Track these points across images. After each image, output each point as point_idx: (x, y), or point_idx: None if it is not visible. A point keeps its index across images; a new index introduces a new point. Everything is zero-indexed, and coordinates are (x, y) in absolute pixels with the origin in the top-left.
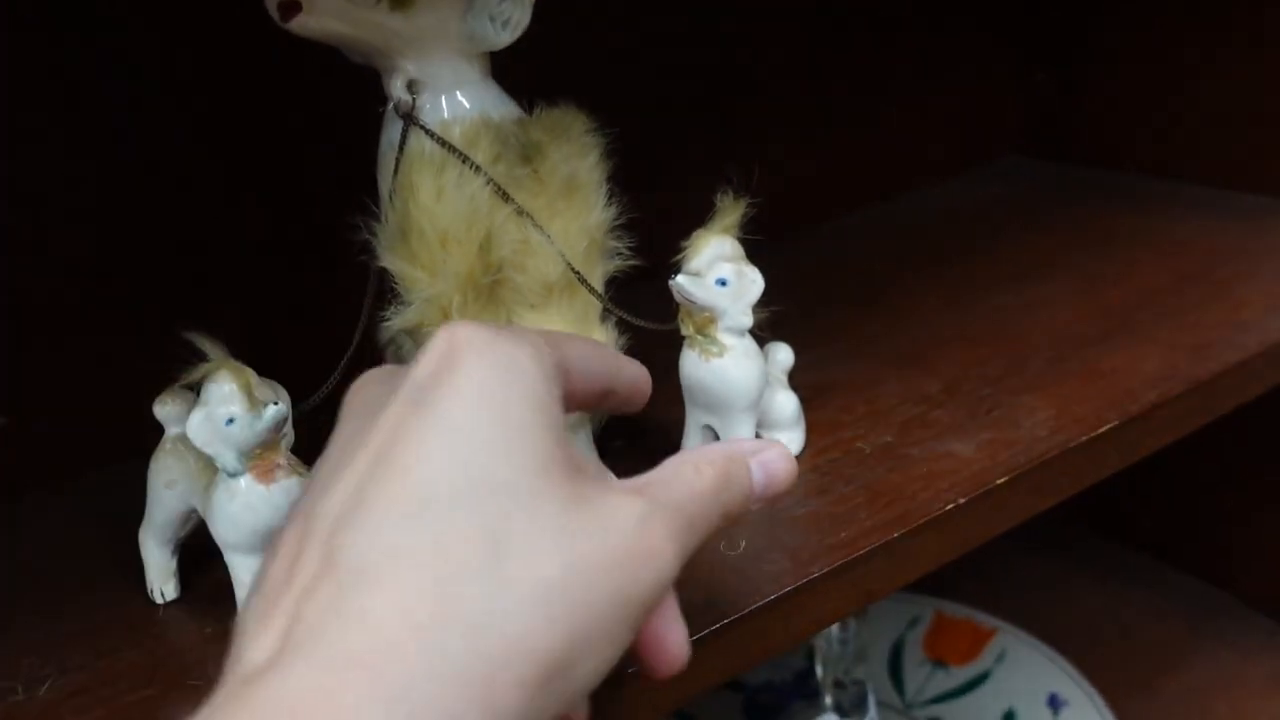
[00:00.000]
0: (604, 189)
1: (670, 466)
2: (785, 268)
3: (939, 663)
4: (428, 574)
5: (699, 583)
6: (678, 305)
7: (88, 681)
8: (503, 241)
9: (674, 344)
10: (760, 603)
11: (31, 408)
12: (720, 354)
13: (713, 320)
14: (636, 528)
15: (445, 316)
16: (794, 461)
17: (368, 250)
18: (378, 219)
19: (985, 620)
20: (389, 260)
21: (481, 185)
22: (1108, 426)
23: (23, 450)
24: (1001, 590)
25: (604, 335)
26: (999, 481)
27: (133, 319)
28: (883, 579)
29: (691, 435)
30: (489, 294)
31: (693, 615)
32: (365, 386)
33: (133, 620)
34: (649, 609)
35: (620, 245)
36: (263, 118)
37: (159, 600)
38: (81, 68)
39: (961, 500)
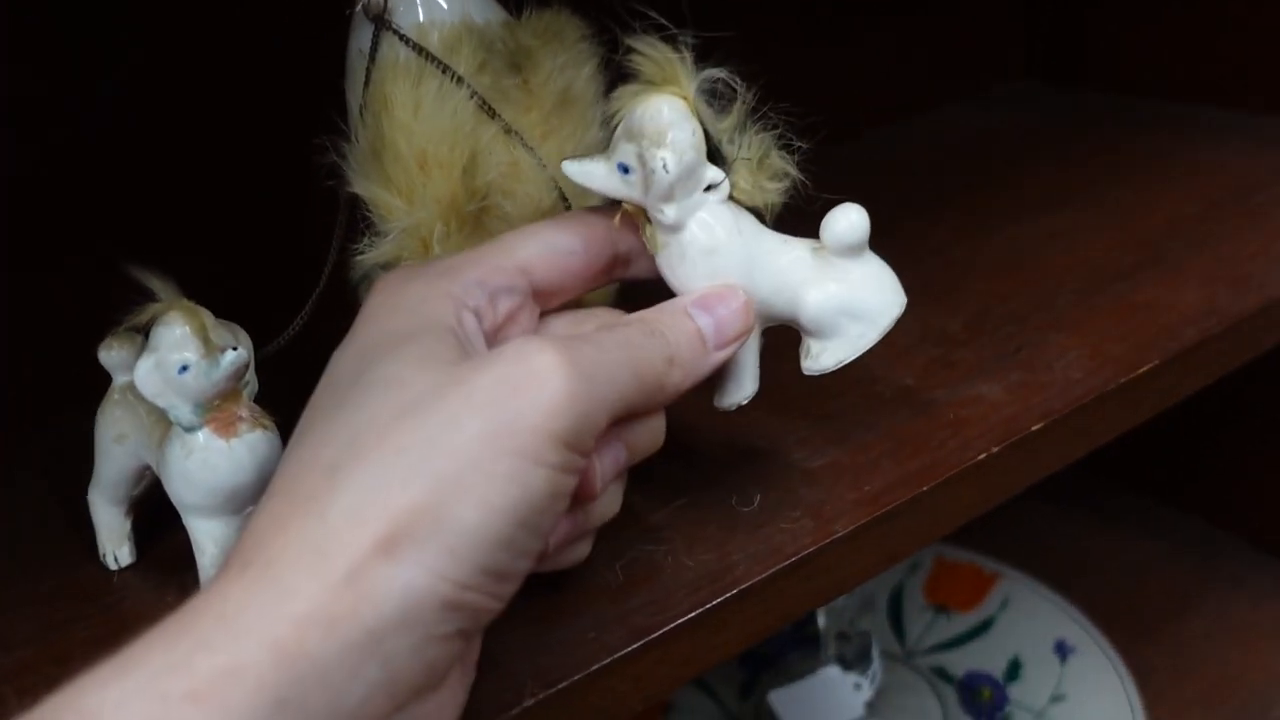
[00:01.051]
0: (601, 104)
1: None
2: (788, 194)
3: (941, 609)
4: (295, 483)
5: (709, 542)
6: None
7: (34, 659)
8: (489, 164)
9: None
10: (780, 565)
11: None
12: (655, 249)
13: (640, 212)
14: (515, 359)
15: (426, 249)
16: (741, 296)
17: (336, 175)
18: (347, 139)
19: (988, 565)
20: (361, 186)
21: (464, 98)
22: (1147, 368)
23: None
24: (1002, 534)
25: None
26: (1034, 428)
27: (71, 255)
28: (911, 536)
29: None
30: (474, 223)
31: (705, 580)
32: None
33: (84, 589)
34: (543, 433)
35: None
36: (216, 20)
37: (113, 566)
38: None
39: (995, 449)
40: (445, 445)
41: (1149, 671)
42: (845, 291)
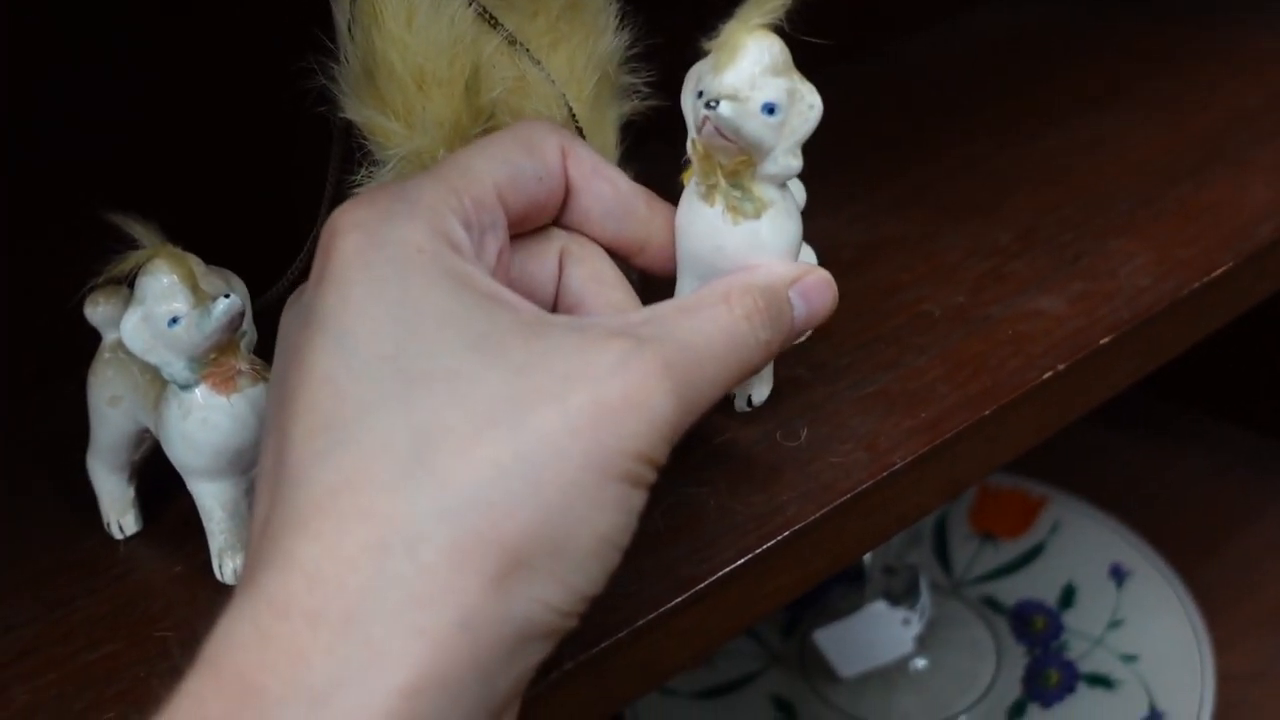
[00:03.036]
0: (614, 6)
1: (688, 299)
2: None
3: (987, 536)
4: (348, 503)
5: (755, 482)
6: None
7: (37, 639)
8: (493, 79)
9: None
10: (834, 503)
11: None
12: (756, 214)
13: (750, 164)
14: (610, 374)
15: None
16: (835, 286)
17: (326, 100)
18: (336, 59)
19: (1035, 489)
20: (354, 110)
21: (462, 5)
22: (1222, 270)
23: None
24: (1047, 457)
25: None
26: (1103, 342)
27: (53, 207)
28: (974, 464)
29: None
30: None
31: (752, 523)
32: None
33: (88, 562)
34: (645, 458)
35: (637, 81)
36: None
37: (117, 535)
38: None
39: (1060, 367)
40: (547, 468)
41: (1209, 591)
42: None
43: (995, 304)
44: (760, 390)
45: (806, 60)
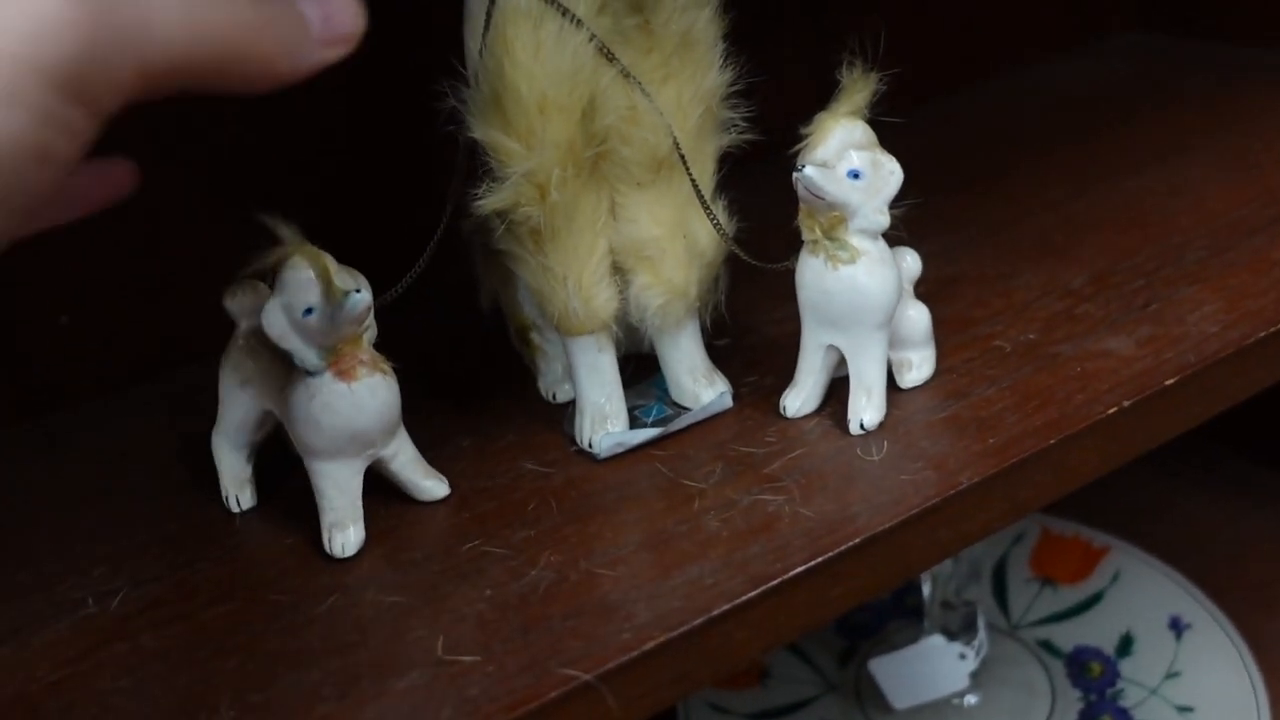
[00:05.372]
0: (720, 45)
1: None
2: (891, 151)
3: (1047, 581)
4: None
5: (829, 492)
6: (798, 204)
7: (163, 594)
8: (608, 108)
9: (785, 239)
10: (903, 516)
11: (94, 306)
12: (851, 260)
13: (843, 220)
14: None
15: (542, 195)
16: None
17: (456, 120)
18: (466, 84)
19: (1097, 537)
20: (480, 130)
21: (584, 41)
22: None
23: (87, 352)
24: (1109, 506)
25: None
26: (1168, 383)
27: (198, 205)
28: (1038, 490)
29: (809, 357)
30: (591, 168)
31: (824, 529)
32: None
33: (208, 530)
34: (25, 68)
35: (735, 116)
36: None
37: (234, 509)
38: None
39: (1126, 403)
40: None
41: (1269, 647)
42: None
43: (1065, 342)
44: (871, 415)
45: (892, 99)
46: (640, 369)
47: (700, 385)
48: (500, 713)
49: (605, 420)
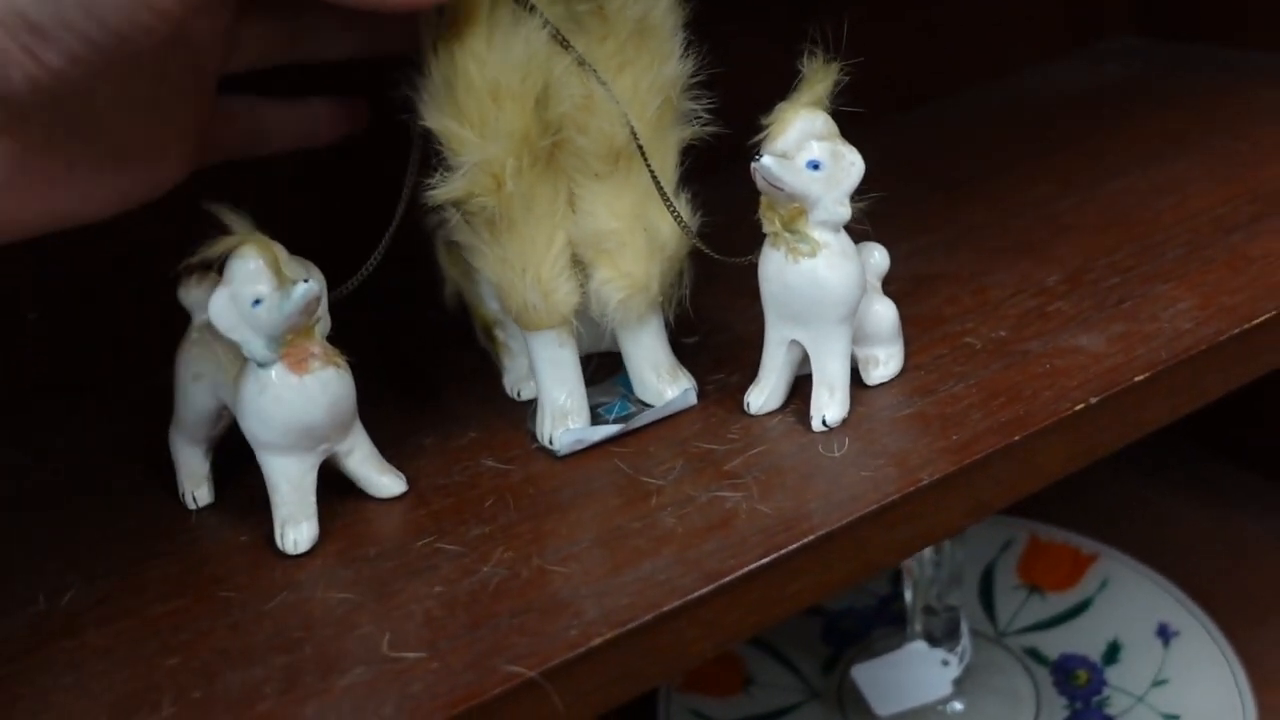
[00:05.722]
0: (680, 35)
1: None
2: (874, 151)
3: (1034, 588)
4: None
5: (787, 489)
6: (759, 195)
7: (113, 590)
8: (562, 96)
9: (754, 239)
10: (861, 513)
11: (57, 303)
12: (812, 253)
13: (803, 212)
14: None
15: (498, 185)
16: None
17: (408, 109)
18: (420, 72)
19: (1085, 544)
20: (433, 118)
21: (538, 26)
22: (1265, 317)
23: (49, 348)
24: (1098, 512)
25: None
26: (1138, 379)
27: (162, 201)
28: (1001, 487)
29: (773, 353)
30: (547, 159)
31: (780, 526)
32: None
33: (163, 527)
34: None
35: (698, 107)
36: None
37: (191, 506)
38: None
39: (1093, 400)
40: None
41: (1258, 657)
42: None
43: (1035, 339)
44: (834, 412)
45: (878, 99)
46: (603, 367)
47: (664, 381)
48: (442, 709)
49: (566, 417)
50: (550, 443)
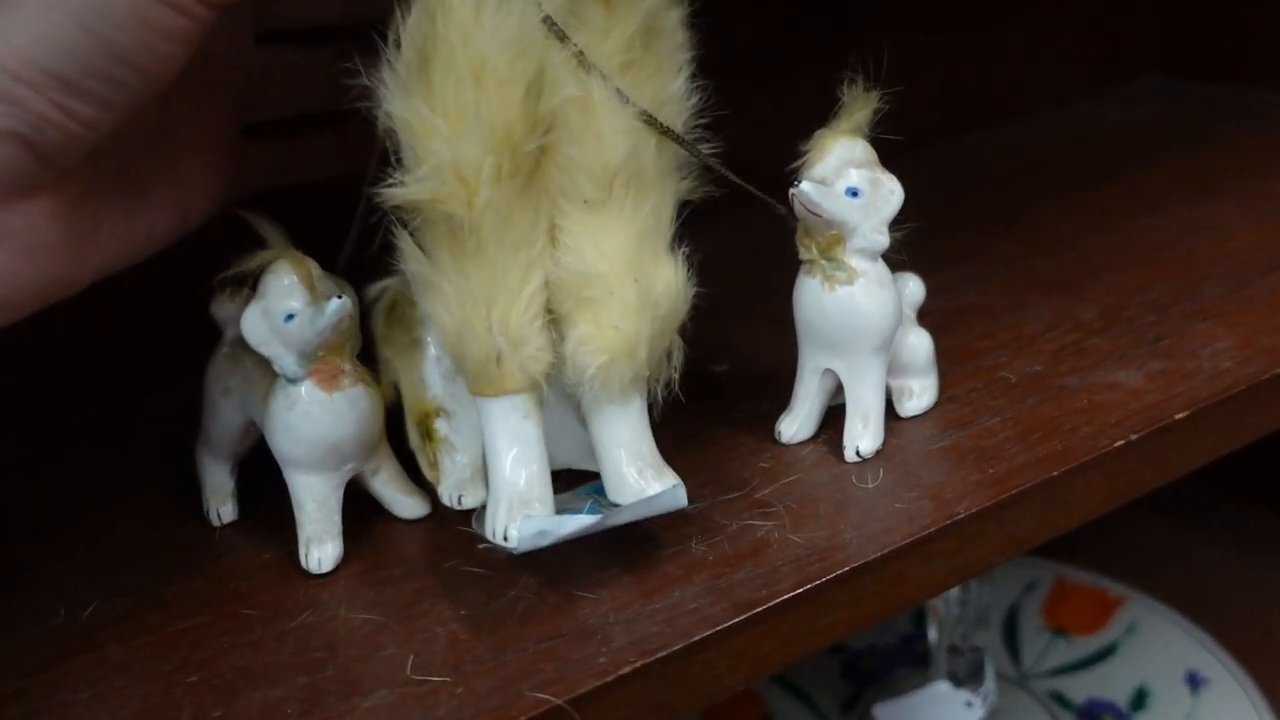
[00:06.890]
0: (685, 54)
1: None
2: (910, 185)
3: (1060, 631)
4: None
5: (821, 520)
6: (795, 223)
7: (135, 607)
8: (556, 88)
9: (788, 268)
10: (895, 545)
11: (83, 316)
12: (849, 281)
13: (840, 240)
14: None
15: (470, 193)
16: None
17: (368, 95)
18: (387, 45)
19: (1113, 588)
20: (400, 104)
21: (533, 11)
22: None
23: (74, 362)
24: (1126, 557)
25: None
26: (1178, 417)
27: None
28: (1038, 523)
29: (805, 381)
30: (529, 173)
31: (813, 557)
32: None
33: (187, 544)
34: None
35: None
36: None
37: (216, 523)
38: None
39: (1134, 437)
40: None
41: None
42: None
43: (1072, 375)
44: (867, 443)
45: (914, 134)
46: (568, 483)
47: (647, 479)
48: None
49: (526, 504)
50: (504, 538)
